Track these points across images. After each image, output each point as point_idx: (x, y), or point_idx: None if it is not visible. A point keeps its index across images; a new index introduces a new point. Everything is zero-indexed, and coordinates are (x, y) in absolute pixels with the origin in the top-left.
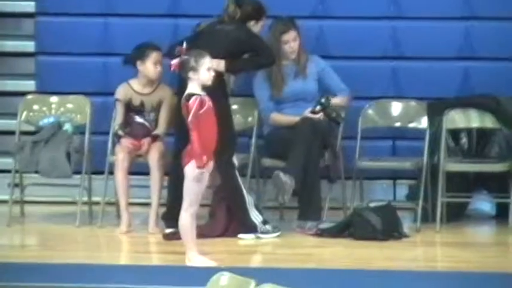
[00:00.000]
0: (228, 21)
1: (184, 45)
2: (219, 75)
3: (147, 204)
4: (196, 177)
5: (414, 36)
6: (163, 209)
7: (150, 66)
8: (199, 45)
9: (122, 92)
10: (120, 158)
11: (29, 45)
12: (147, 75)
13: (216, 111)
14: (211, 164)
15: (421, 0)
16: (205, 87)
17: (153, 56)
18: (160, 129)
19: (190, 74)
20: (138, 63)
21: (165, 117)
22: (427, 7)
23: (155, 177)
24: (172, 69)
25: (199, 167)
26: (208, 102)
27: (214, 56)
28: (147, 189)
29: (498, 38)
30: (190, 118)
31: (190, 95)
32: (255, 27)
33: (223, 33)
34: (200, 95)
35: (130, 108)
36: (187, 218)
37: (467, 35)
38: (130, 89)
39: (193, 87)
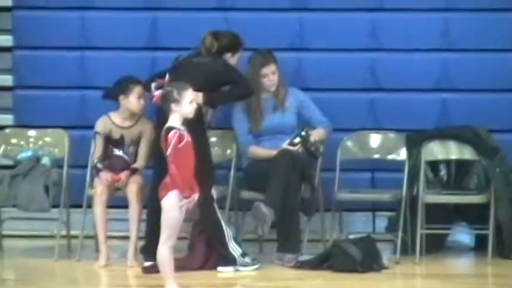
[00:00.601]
0: (205, 53)
1: (167, 77)
2: (197, 108)
3: (126, 238)
4: (186, 205)
5: (392, 68)
6: (142, 242)
7: (133, 100)
8: (177, 77)
9: (101, 125)
10: (99, 191)
11: (7, 79)
12: (129, 109)
13: (195, 144)
14: (195, 196)
15: (398, 32)
16: (184, 121)
17: (136, 90)
18: (139, 163)
19: (173, 106)
20: (121, 97)
21: (144, 151)
22: (405, 39)
23: (134, 211)
24: (154, 100)
25: (185, 197)
26: (187, 137)
27: (192, 88)
28: (126, 222)
29: (476, 70)
30: (169, 152)
31: (170, 129)
32: (232, 59)
33: (200, 65)
34: (180, 129)
35: (109, 141)
36: (165, 251)
37: (445, 66)
38: (111, 122)
39: (174, 120)
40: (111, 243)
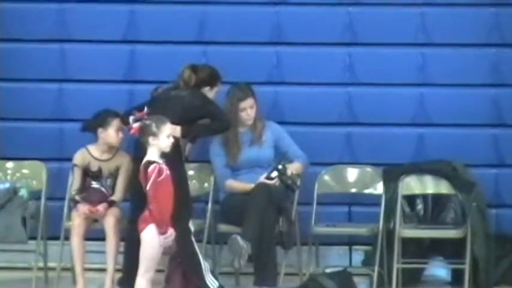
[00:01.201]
0: (183, 86)
1: (146, 109)
2: (175, 141)
3: (103, 270)
4: (162, 242)
5: (369, 102)
6: (119, 275)
7: (112, 133)
8: (155, 110)
9: (79, 158)
10: (76, 223)
11: None
12: (108, 142)
13: (173, 177)
14: (172, 231)
15: (375, 66)
16: (162, 154)
17: (115, 123)
18: (117, 196)
19: (150, 140)
20: (100, 130)
21: (122, 184)
22: (382, 73)
23: (111, 243)
24: (132, 133)
25: (162, 234)
26: (166, 171)
27: (169, 121)
28: (103, 254)
29: (453, 105)
30: (149, 186)
31: (150, 163)
32: (210, 93)
33: (178, 99)
34: (159, 162)
35: (87, 174)
36: (143, 284)
37: (421, 101)
38: (89, 155)
39: (152, 153)
40: (88, 276)
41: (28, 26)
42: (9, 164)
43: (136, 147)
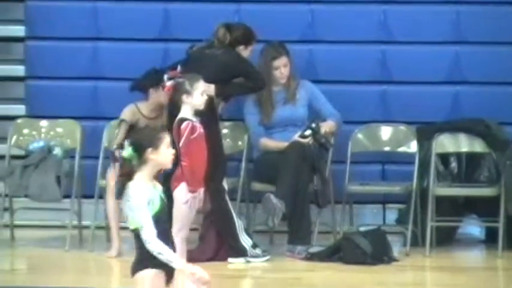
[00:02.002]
0: (217, 45)
1: (179, 68)
2: (209, 100)
3: None
4: (187, 201)
5: (403, 61)
6: None
7: (163, 93)
8: (189, 69)
9: (129, 114)
10: (112, 182)
11: (19, 70)
12: (159, 102)
13: (207, 136)
14: (202, 189)
15: (410, 25)
16: (196, 112)
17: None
18: None
19: (184, 98)
20: (151, 90)
21: None
22: (417, 32)
23: None
24: (165, 91)
25: (191, 191)
26: (200, 129)
27: (204, 80)
28: None
29: (488, 63)
30: (181, 143)
31: (183, 120)
32: (245, 52)
33: (212, 57)
34: (192, 120)
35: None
36: (177, 242)
37: (456, 59)
38: (138, 112)
39: (185, 111)
40: (123, 234)
41: None
42: (44, 123)
43: (171, 106)
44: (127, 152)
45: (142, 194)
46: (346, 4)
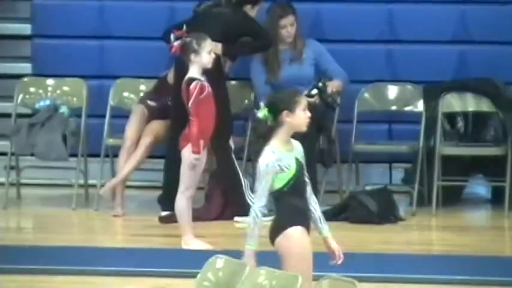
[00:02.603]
0: (224, 4)
1: (185, 28)
2: (216, 59)
3: (144, 188)
4: (192, 161)
5: (410, 20)
6: (158, 192)
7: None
8: (195, 28)
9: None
10: (129, 141)
11: (26, 28)
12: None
13: (214, 94)
14: (204, 154)
15: None
16: (203, 71)
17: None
18: None
19: (192, 57)
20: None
21: None
22: None
23: (135, 157)
24: (173, 51)
25: (195, 152)
26: (208, 88)
27: (210, 39)
28: (144, 172)
29: (494, 22)
30: (190, 103)
31: (191, 80)
32: (252, 11)
33: (219, 16)
34: (201, 80)
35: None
36: (183, 201)
37: (462, 18)
38: None
39: (194, 70)
40: (128, 193)
41: None
42: (50, 81)
43: (178, 65)
44: (262, 112)
45: (267, 163)
46: None
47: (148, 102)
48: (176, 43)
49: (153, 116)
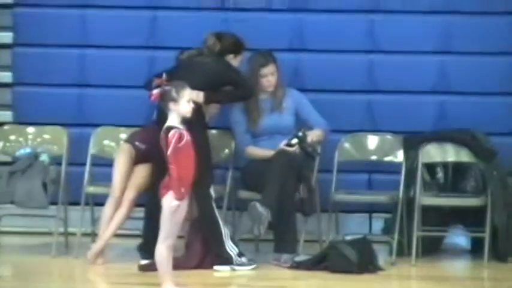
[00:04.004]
0: (207, 53)
1: (164, 76)
2: (197, 107)
3: (123, 236)
4: (173, 209)
5: (390, 70)
6: (138, 240)
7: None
8: (177, 76)
9: None
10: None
11: (6, 76)
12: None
13: (195, 143)
14: (185, 201)
15: (397, 34)
16: (184, 119)
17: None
18: None
19: (171, 105)
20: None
21: None
22: (403, 41)
23: (121, 214)
24: (152, 99)
25: (177, 199)
26: (187, 136)
27: (192, 87)
28: (128, 220)
29: (474, 73)
30: (169, 152)
31: (170, 128)
32: (234, 61)
33: (202, 65)
34: (179, 128)
35: None
36: (164, 250)
37: (443, 69)
38: None
39: (173, 119)
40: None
41: None
42: (30, 129)
43: (158, 114)
44: None
45: None
46: (333, 13)
47: (137, 143)
48: (156, 91)
49: (141, 159)
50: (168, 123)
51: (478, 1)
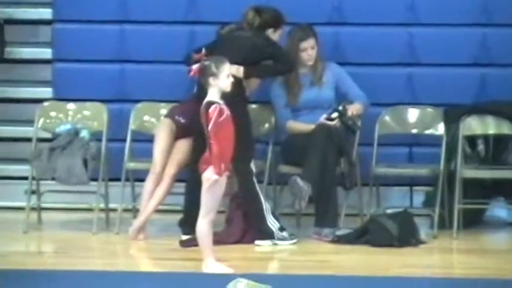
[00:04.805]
0: (246, 28)
1: (203, 51)
2: (237, 82)
3: (164, 211)
4: (213, 184)
5: (431, 43)
6: (179, 216)
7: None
8: (217, 51)
9: None
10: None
11: (46, 52)
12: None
13: (235, 118)
14: (225, 176)
15: (438, 7)
16: (224, 94)
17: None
18: None
19: (211, 80)
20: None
21: None
22: (444, 14)
23: (162, 190)
24: (191, 74)
25: (217, 174)
26: (227, 111)
27: (232, 62)
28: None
29: None
30: (210, 127)
31: (210, 103)
32: (273, 35)
33: (241, 39)
34: (219, 103)
35: None
36: (204, 225)
37: (484, 41)
38: None
39: (212, 94)
40: (150, 217)
41: None
42: (71, 106)
43: (198, 89)
44: None
45: None
46: None
47: (177, 117)
48: (195, 66)
49: (181, 133)
50: (208, 98)
51: None
